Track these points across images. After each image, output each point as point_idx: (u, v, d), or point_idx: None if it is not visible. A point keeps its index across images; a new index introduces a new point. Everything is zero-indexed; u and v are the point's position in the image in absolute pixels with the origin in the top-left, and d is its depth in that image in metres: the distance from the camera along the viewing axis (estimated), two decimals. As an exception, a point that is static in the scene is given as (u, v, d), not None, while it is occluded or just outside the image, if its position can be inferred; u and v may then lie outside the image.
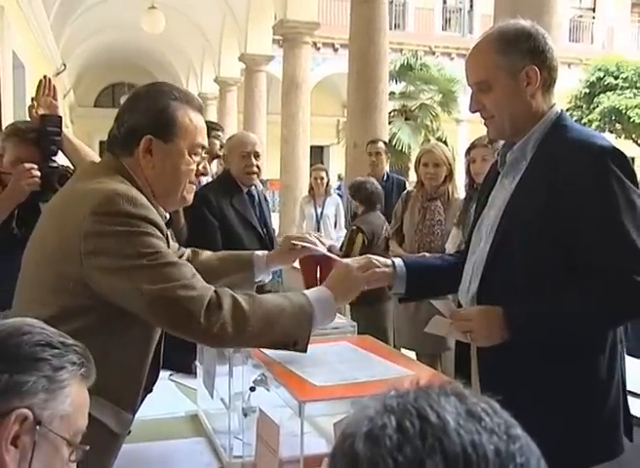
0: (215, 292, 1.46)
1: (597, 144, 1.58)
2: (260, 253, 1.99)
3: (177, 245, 1.98)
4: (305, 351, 1.54)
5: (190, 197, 1.68)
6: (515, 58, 1.63)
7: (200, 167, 1.65)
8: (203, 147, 1.65)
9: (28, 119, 2.50)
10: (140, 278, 1.40)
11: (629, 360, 3.24)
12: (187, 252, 1.98)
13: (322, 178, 6.40)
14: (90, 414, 1.39)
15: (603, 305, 1.55)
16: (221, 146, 4.08)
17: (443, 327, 1.71)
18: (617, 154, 1.57)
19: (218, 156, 4.37)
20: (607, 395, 1.63)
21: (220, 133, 4.39)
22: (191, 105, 1.62)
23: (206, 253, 1.99)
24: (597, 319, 1.58)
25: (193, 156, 1.61)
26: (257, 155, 3.56)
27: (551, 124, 1.67)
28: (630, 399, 1.74)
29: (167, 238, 1.55)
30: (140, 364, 1.56)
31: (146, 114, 1.56)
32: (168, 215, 1.66)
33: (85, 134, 18.42)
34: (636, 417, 1.76)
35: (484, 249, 1.71)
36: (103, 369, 1.42)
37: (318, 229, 6.15)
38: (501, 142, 1.89)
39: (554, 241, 1.56)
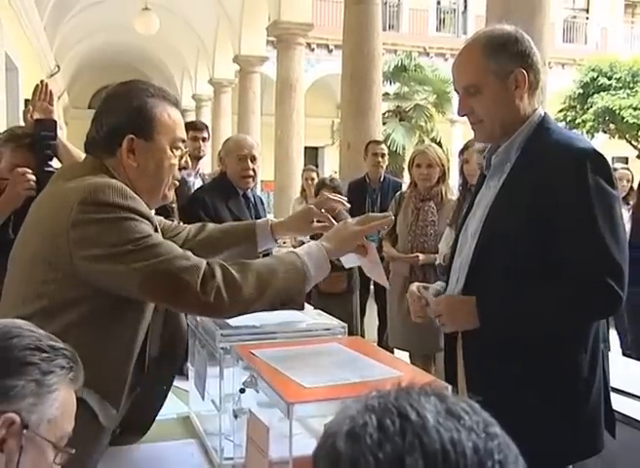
0: (207, 263, 1.47)
1: (578, 147, 1.61)
2: (262, 221, 1.98)
3: (175, 221, 1.99)
4: (302, 308, 1.57)
5: (171, 194, 1.70)
6: (504, 61, 1.65)
7: (182, 161, 1.66)
8: (183, 141, 1.67)
9: (22, 123, 2.51)
10: (132, 259, 1.42)
11: (627, 361, 3.28)
12: (190, 227, 1.98)
13: (313, 179, 6.41)
14: (81, 399, 1.40)
15: (574, 303, 1.58)
16: (194, 146, 4.15)
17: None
18: (597, 157, 1.59)
19: (200, 157, 4.40)
20: (589, 392, 1.65)
21: (202, 133, 4.41)
22: (168, 101, 1.63)
23: (210, 227, 1.99)
24: (567, 316, 1.61)
25: (174, 151, 1.63)
26: (253, 159, 3.59)
27: (535, 126, 1.70)
28: (615, 396, 1.76)
29: (156, 228, 1.56)
30: (126, 357, 1.57)
31: (125, 114, 1.57)
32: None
33: (79, 135, 18.20)
34: (620, 413, 1.78)
35: (470, 249, 1.73)
36: (92, 360, 1.43)
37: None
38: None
39: (536, 241, 1.59)
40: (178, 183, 1.70)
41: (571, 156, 1.58)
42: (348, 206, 1.92)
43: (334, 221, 1.85)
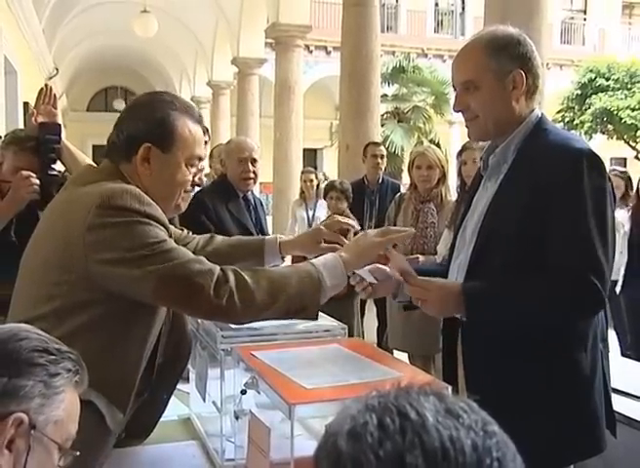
0: (220, 268, 1.49)
1: (575, 147, 1.62)
2: (270, 238, 2.00)
3: (185, 231, 2.01)
4: (316, 318, 1.57)
5: (184, 205, 1.71)
6: (504, 61, 1.67)
7: (196, 178, 1.68)
8: (200, 158, 1.67)
9: (22, 127, 2.52)
10: (147, 263, 1.44)
11: (626, 361, 3.29)
12: (199, 238, 2.00)
13: (312, 181, 6.41)
14: (90, 402, 1.41)
15: (557, 300, 1.58)
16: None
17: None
18: (593, 157, 1.60)
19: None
20: (590, 391, 1.66)
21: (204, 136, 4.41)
22: (191, 116, 1.65)
23: (218, 239, 2.02)
24: (550, 312, 1.61)
25: (190, 167, 1.64)
26: (254, 161, 3.60)
27: (532, 127, 1.71)
28: (617, 397, 1.76)
29: (170, 235, 1.58)
30: (136, 363, 1.59)
31: (146, 122, 1.59)
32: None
33: (78, 138, 18.38)
34: (620, 414, 1.78)
35: (468, 250, 1.74)
36: (101, 364, 1.45)
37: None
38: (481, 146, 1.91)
39: (534, 240, 1.60)
40: (190, 195, 1.71)
41: (567, 156, 1.60)
42: (358, 228, 1.93)
43: (344, 241, 1.87)
